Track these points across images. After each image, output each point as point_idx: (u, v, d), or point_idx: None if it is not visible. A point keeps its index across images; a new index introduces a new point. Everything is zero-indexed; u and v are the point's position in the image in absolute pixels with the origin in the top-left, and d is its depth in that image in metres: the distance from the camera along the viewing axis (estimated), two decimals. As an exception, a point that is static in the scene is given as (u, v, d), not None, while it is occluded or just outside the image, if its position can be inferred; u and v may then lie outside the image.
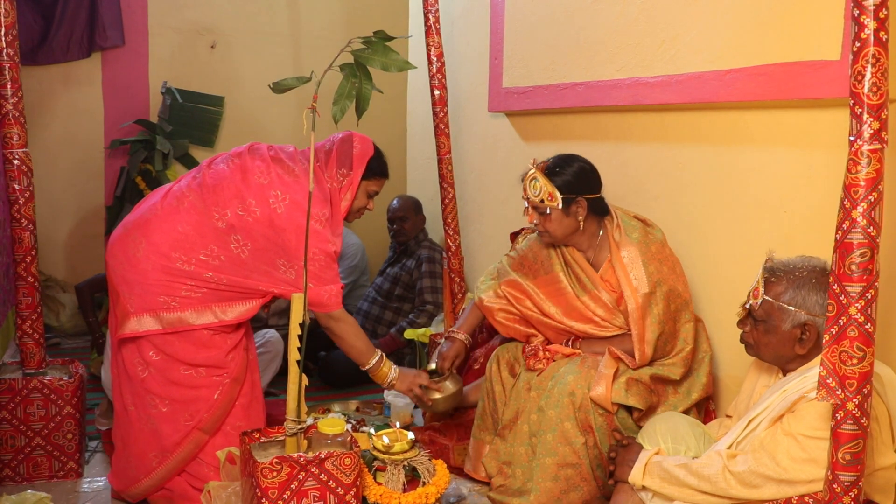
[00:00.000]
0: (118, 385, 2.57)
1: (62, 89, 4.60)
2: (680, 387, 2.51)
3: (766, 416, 1.91)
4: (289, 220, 2.45)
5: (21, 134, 2.65)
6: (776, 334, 1.94)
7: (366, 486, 2.16)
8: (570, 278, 2.61)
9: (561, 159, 2.56)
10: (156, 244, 2.44)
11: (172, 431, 2.49)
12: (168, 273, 2.44)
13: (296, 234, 2.44)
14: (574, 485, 2.40)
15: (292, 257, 2.46)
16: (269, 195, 2.45)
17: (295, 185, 2.49)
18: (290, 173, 2.51)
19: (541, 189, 2.50)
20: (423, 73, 3.85)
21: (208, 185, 2.49)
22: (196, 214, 2.46)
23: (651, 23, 2.79)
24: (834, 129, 2.18)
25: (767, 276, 1.96)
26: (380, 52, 2.03)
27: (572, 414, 2.40)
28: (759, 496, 1.83)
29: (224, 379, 2.52)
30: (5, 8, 2.57)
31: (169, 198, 2.51)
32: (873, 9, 1.48)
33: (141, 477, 2.52)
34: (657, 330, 2.44)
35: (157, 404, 2.49)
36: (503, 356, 2.74)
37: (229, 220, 2.44)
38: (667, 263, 2.49)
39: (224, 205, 2.45)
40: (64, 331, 4.56)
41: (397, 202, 4.24)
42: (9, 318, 2.78)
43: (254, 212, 2.44)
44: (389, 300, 4.13)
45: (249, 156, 2.54)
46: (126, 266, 2.46)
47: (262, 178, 2.48)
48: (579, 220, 2.52)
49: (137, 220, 2.51)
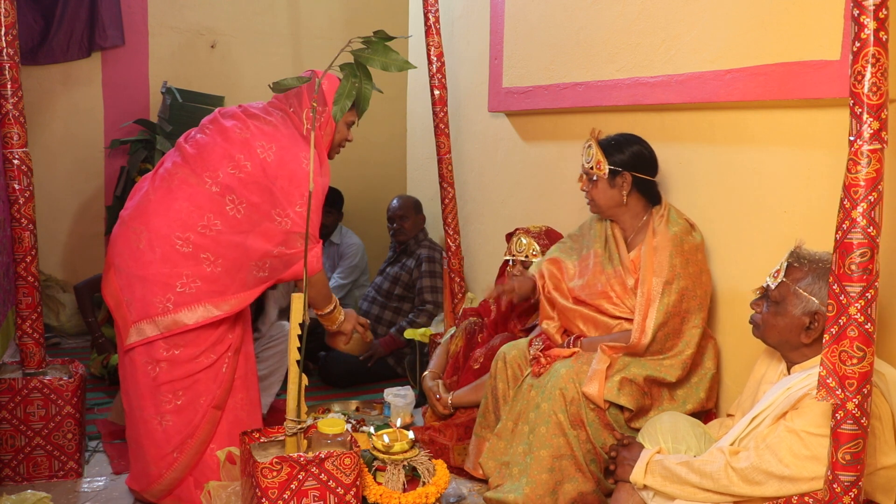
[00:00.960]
0: (126, 389, 2.55)
1: (62, 89, 4.60)
2: (675, 394, 2.50)
3: (769, 413, 1.91)
4: (280, 167, 2.44)
5: (21, 134, 2.65)
6: (785, 317, 1.95)
7: (366, 486, 2.16)
8: (605, 251, 2.69)
9: (620, 135, 2.66)
10: (156, 229, 2.42)
11: (190, 417, 2.49)
12: (168, 262, 2.41)
13: (288, 181, 2.44)
14: (569, 476, 2.41)
15: (284, 205, 2.45)
16: (256, 147, 2.45)
17: (276, 133, 2.49)
18: (269, 124, 2.51)
19: (592, 156, 2.61)
20: (423, 73, 3.85)
21: (193, 155, 2.48)
22: (188, 187, 2.45)
23: (651, 23, 2.79)
24: (834, 129, 2.18)
25: (791, 260, 1.97)
26: (380, 52, 2.04)
27: (564, 407, 2.41)
28: (761, 493, 1.83)
29: (228, 352, 2.54)
30: (5, 8, 2.57)
31: (157, 181, 2.51)
32: (873, 9, 1.48)
33: (164, 472, 2.50)
34: (661, 318, 2.44)
35: (170, 399, 2.47)
36: (510, 354, 2.74)
37: (222, 181, 2.43)
38: (694, 265, 2.50)
39: (214, 167, 2.44)
40: (64, 331, 4.56)
41: (397, 202, 4.24)
42: (9, 318, 2.78)
43: (244, 166, 2.43)
44: (389, 300, 4.14)
45: (223, 119, 2.55)
46: (130, 262, 2.45)
47: (243, 133, 2.48)
48: (623, 194, 2.59)
49: (133, 212, 2.50)
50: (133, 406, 2.53)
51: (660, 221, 2.58)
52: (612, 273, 2.62)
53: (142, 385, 2.48)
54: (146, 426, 2.50)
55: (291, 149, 2.46)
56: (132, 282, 2.44)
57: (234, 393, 2.58)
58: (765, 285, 2.02)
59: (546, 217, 3.44)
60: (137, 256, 2.44)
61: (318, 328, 2.88)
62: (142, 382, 2.48)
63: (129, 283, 2.45)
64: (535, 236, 3.12)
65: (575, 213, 3.31)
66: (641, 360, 2.47)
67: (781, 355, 2.04)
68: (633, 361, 2.47)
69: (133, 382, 2.50)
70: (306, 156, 2.46)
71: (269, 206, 2.45)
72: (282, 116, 2.55)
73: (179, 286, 2.43)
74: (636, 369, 2.45)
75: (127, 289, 2.45)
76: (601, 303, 2.62)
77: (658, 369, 2.46)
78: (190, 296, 2.43)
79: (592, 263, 2.69)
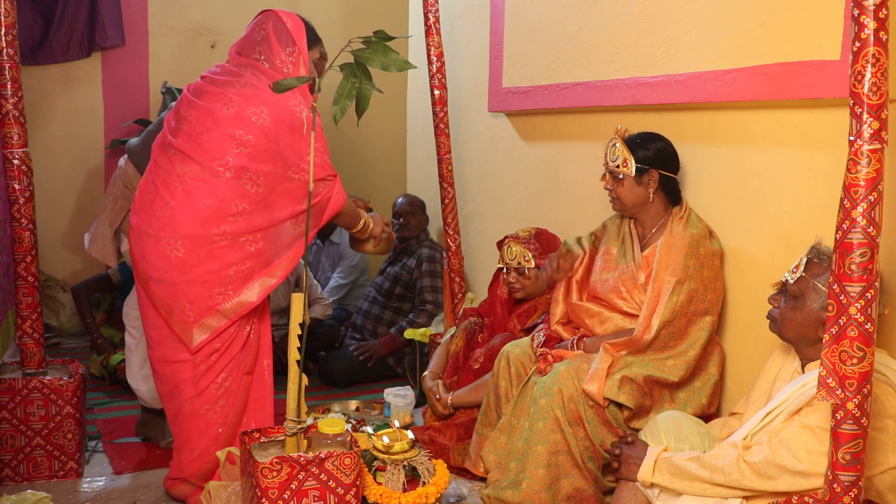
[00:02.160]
0: (176, 392, 2.51)
1: (62, 89, 4.60)
2: (676, 396, 2.50)
3: (783, 410, 1.90)
4: (278, 125, 2.41)
5: (21, 134, 2.65)
6: (803, 312, 1.94)
7: (366, 486, 2.16)
8: (620, 248, 2.71)
9: (645, 133, 2.67)
10: (189, 234, 2.38)
11: (233, 392, 2.51)
12: (214, 259, 2.40)
13: (289, 135, 2.42)
14: (565, 472, 2.42)
15: (295, 160, 2.44)
16: (249, 116, 2.40)
17: (259, 94, 2.43)
18: (248, 86, 2.45)
19: (618, 155, 2.61)
20: (423, 73, 3.85)
21: (193, 148, 2.42)
22: (204, 183, 2.40)
23: (651, 23, 2.79)
24: (834, 129, 2.18)
25: (811, 256, 1.96)
26: (380, 52, 2.03)
27: (562, 404, 2.42)
28: (773, 487, 1.82)
29: (254, 316, 2.54)
30: (5, 8, 2.57)
31: (172, 186, 2.43)
32: (873, 9, 1.48)
33: (210, 449, 2.48)
34: (667, 316, 2.45)
35: (219, 385, 2.48)
36: (513, 353, 2.75)
37: (234, 165, 2.39)
38: (709, 269, 2.50)
39: (220, 154, 2.39)
40: (64, 331, 4.55)
41: (404, 198, 4.26)
42: (9, 318, 2.78)
43: (248, 140, 2.39)
44: (389, 299, 4.13)
45: (201, 100, 2.47)
46: (174, 273, 2.40)
47: (229, 108, 2.42)
48: (650, 191, 2.60)
49: (159, 224, 2.41)
50: (183, 408, 2.50)
51: (678, 222, 2.59)
52: (624, 268, 2.65)
53: (203, 378, 2.47)
54: (196, 421, 2.50)
55: (280, 103, 2.41)
56: (183, 288, 2.41)
57: (260, 358, 2.59)
58: (783, 280, 2.01)
59: (546, 217, 3.44)
60: (180, 266, 2.39)
61: (318, 328, 2.88)
62: (201, 375, 2.47)
63: (179, 290, 2.41)
64: (524, 242, 3.09)
65: (575, 212, 3.31)
66: (643, 360, 2.47)
67: (797, 352, 2.04)
68: (635, 361, 2.47)
69: (189, 383, 2.48)
70: (297, 102, 2.43)
71: (282, 168, 2.43)
72: (253, 72, 2.49)
73: (232, 272, 2.42)
74: (637, 368, 2.45)
75: (179, 294, 2.41)
76: (611, 297, 2.64)
77: (661, 369, 2.46)
78: (244, 276, 2.43)
79: (605, 260, 2.72)
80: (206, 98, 2.46)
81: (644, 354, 2.47)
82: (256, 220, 2.43)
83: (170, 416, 2.58)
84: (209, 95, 2.46)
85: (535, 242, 3.08)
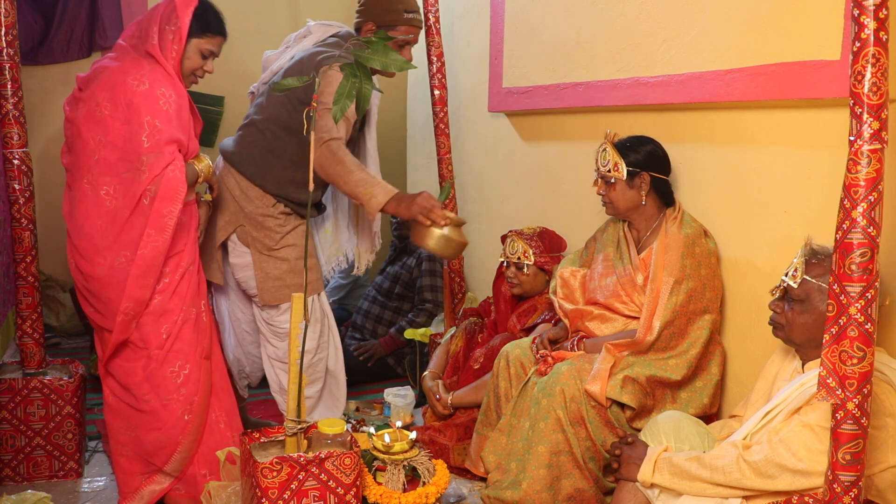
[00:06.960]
0: (129, 398, 2.48)
1: (62, 89, 4.58)
2: (678, 397, 2.50)
3: (783, 409, 1.90)
4: (123, 119, 2.36)
5: (21, 134, 2.66)
6: (813, 314, 1.92)
7: (366, 486, 2.16)
8: (616, 252, 2.72)
9: (634, 137, 2.68)
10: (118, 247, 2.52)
11: (198, 375, 2.46)
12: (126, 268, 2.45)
13: (125, 114, 2.34)
14: (566, 472, 2.42)
15: (135, 145, 2.35)
16: (106, 115, 2.34)
17: (112, 83, 2.34)
18: (105, 71, 2.38)
19: (609, 159, 2.61)
20: (423, 73, 3.85)
21: (71, 163, 2.49)
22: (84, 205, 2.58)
23: (651, 23, 2.79)
24: (834, 129, 2.18)
25: (809, 257, 1.95)
26: (380, 52, 2.04)
27: (563, 404, 2.42)
28: (773, 487, 1.82)
29: (202, 299, 2.50)
30: (5, 8, 2.58)
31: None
32: (873, 9, 1.48)
33: (179, 438, 2.43)
34: (668, 317, 2.45)
35: (178, 371, 2.44)
36: (512, 353, 2.75)
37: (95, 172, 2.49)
38: (706, 268, 2.51)
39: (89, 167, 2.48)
40: (64, 331, 4.55)
41: None
42: (9, 318, 2.78)
43: (108, 141, 2.38)
44: (389, 299, 4.13)
45: (77, 104, 2.42)
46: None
47: (91, 110, 2.37)
48: (642, 194, 2.61)
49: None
50: (142, 400, 2.46)
51: (672, 223, 2.59)
52: (622, 272, 2.64)
53: (146, 384, 2.44)
54: (157, 415, 2.44)
55: (119, 84, 2.33)
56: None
57: (216, 342, 2.59)
58: (783, 285, 1.99)
59: (546, 217, 3.44)
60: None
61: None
62: (147, 381, 2.43)
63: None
64: (528, 238, 3.10)
65: (575, 212, 3.31)
66: (646, 360, 2.47)
67: (798, 353, 2.03)
68: (638, 361, 2.47)
69: (136, 390, 2.45)
70: (135, 76, 2.33)
71: (125, 157, 2.38)
72: (136, 56, 2.40)
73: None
74: (640, 369, 2.45)
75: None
76: (612, 302, 2.64)
77: (663, 368, 2.46)
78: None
79: (604, 266, 2.71)
80: (83, 103, 2.44)
81: (646, 355, 2.48)
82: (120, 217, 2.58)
83: (128, 438, 2.49)
84: (85, 100, 2.44)
85: (537, 240, 3.10)
